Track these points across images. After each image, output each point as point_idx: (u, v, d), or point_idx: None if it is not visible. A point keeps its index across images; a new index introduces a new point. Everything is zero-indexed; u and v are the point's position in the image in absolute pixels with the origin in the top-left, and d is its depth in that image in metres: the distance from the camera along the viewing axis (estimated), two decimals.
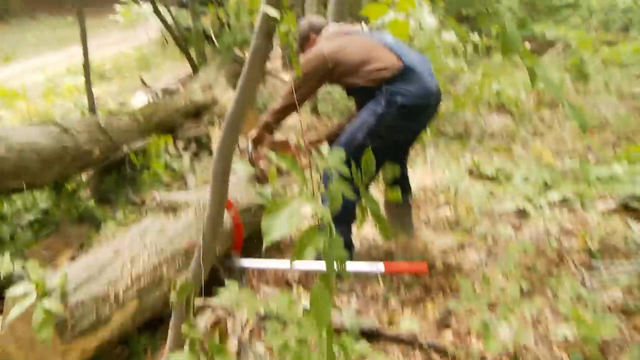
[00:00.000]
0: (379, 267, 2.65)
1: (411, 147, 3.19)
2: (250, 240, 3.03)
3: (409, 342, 2.32)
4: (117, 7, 9.87)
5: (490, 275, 2.75)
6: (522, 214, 3.48)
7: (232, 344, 2.14)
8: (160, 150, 4.46)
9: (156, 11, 7.56)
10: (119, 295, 2.00)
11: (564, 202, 3.56)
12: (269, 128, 2.95)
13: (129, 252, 2.15)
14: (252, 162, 3.08)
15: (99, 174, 4.20)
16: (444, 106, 6.20)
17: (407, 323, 2.45)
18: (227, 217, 2.74)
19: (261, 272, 2.87)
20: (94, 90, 5.03)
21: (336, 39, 2.86)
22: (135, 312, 2.10)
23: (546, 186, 3.80)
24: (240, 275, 2.78)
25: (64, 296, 1.80)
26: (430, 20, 5.75)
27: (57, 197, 3.69)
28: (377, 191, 3.85)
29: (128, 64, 11.51)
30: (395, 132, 2.73)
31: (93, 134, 3.81)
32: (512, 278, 2.67)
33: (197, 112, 5.72)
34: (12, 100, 7.97)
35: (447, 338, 2.38)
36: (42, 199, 3.73)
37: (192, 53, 7.92)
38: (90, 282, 1.96)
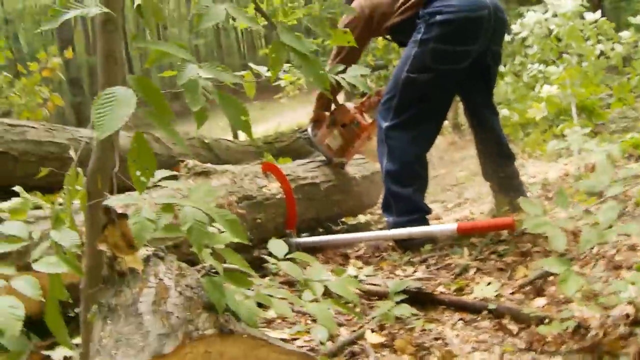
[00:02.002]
0: (451, 228, 2.05)
1: (487, 86, 2.58)
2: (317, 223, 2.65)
3: (476, 310, 1.69)
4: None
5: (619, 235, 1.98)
6: None
7: None
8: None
9: None
10: None
11: None
12: (322, 102, 2.72)
13: None
14: (315, 145, 2.79)
15: None
16: (606, 104, 5.18)
17: (482, 290, 1.82)
18: (277, 187, 2.41)
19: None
20: None
21: None
22: None
23: None
24: None
25: None
26: (568, 2, 4.95)
27: None
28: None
29: None
30: (445, 59, 2.27)
31: (194, 149, 3.82)
32: None
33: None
34: None
35: (538, 305, 1.70)
36: None
37: None
38: None
